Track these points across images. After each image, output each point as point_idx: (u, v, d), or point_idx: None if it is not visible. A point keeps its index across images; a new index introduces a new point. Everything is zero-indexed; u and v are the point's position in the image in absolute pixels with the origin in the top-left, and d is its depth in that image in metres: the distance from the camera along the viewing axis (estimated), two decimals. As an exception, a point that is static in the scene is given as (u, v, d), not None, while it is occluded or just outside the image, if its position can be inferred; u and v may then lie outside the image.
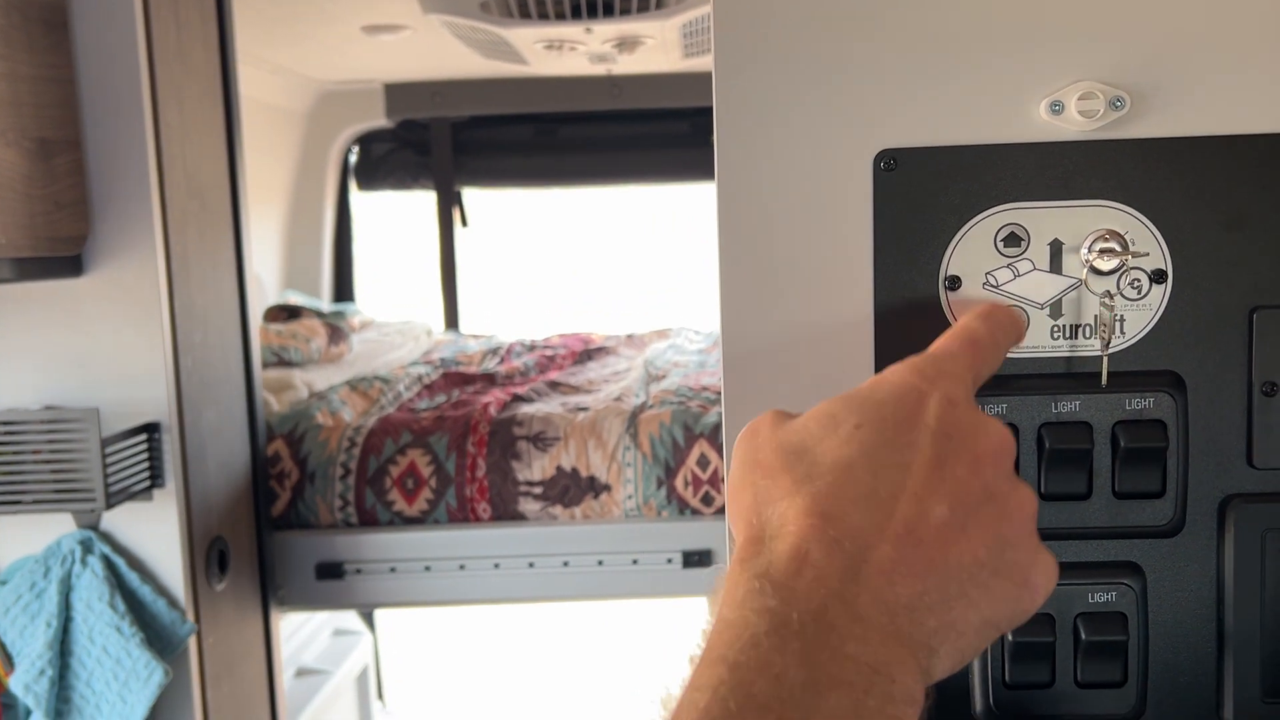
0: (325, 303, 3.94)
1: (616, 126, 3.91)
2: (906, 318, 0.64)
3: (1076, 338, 0.64)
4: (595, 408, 2.22)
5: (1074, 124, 0.62)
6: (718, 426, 2.09)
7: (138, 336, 1.64)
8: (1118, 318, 0.63)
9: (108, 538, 1.67)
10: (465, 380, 2.69)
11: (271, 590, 2.01)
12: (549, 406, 2.28)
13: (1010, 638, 0.63)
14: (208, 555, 1.74)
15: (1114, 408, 0.62)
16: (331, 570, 2.06)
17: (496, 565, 2.05)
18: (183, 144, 1.69)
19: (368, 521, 2.09)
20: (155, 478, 1.65)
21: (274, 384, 2.32)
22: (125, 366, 1.64)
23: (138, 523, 1.67)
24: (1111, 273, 0.63)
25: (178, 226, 1.66)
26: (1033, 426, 0.63)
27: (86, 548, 1.64)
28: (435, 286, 4.09)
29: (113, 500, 1.55)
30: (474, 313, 4.20)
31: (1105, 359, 0.63)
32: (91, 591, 1.61)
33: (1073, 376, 0.64)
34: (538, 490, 2.08)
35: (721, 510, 2.08)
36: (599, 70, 3.32)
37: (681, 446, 2.08)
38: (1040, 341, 0.64)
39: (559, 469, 2.08)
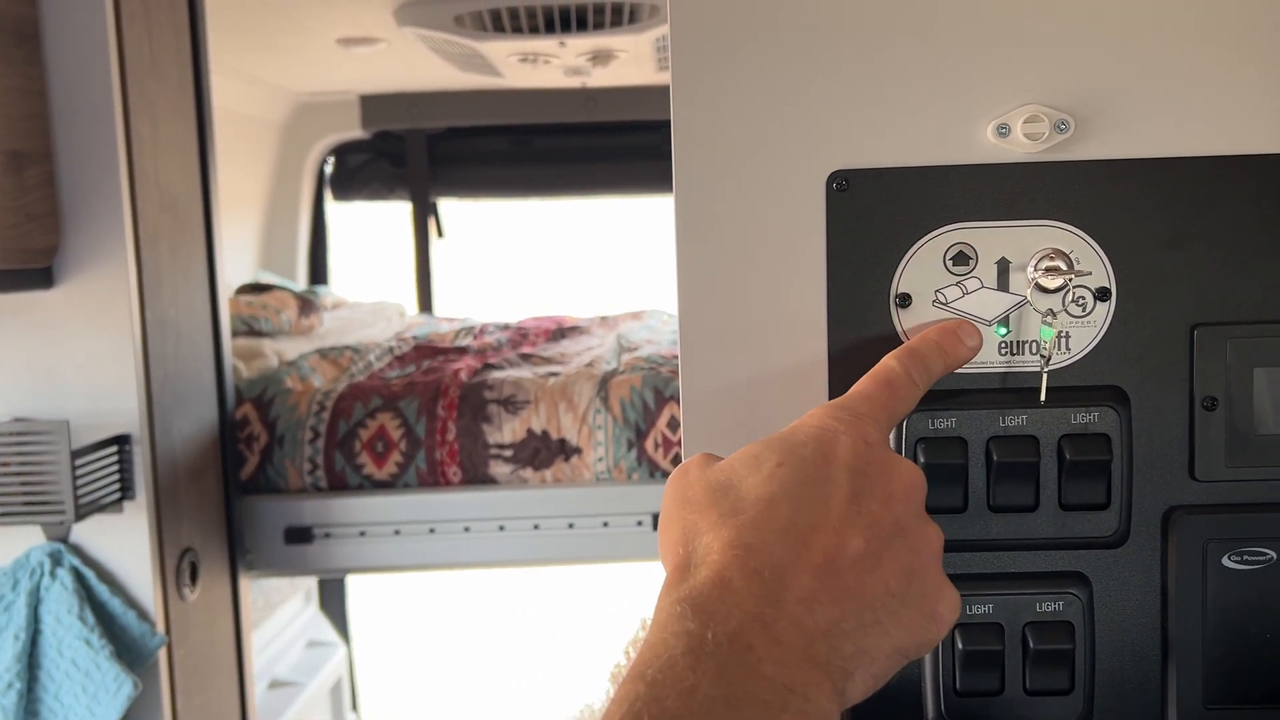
0: (299, 285, 3.92)
1: (591, 138, 3.94)
2: (860, 346, 0.66)
3: (1022, 353, 0.66)
4: (566, 374, 2.22)
5: (1020, 146, 0.64)
6: None
7: (108, 349, 1.64)
8: (1062, 334, 0.65)
9: (77, 550, 1.66)
10: (437, 352, 2.68)
11: (240, 555, 1.99)
12: (520, 373, 2.27)
13: (960, 646, 0.64)
14: (178, 567, 1.74)
15: (1059, 422, 0.64)
16: (300, 535, 2.04)
17: (466, 529, 2.04)
18: (155, 156, 1.69)
19: (337, 485, 2.07)
20: (125, 489, 1.65)
21: (243, 352, 2.28)
22: (95, 379, 1.64)
23: (107, 535, 1.67)
24: (1057, 290, 0.64)
25: (149, 239, 1.67)
26: (981, 440, 0.64)
27: (55, 560, 1.63)
28: (410, 291, 4.09)
29: (82, 512, 1.54)
30: (449, 304, 4.19)
31: (1045, 375, 0.65)
32: (60, 604, 1.60)
33: (1019, 391, 0.66)
34: (508, 453, 2.07)
35: None
36: (574, 83, 3.34)
37: (652, 409, 2.08)
38: (988, 357, 0.65)
39: (529, 432, 2.07)
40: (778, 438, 0.54)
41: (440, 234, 4.13)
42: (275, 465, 2.08)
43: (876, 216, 0.65)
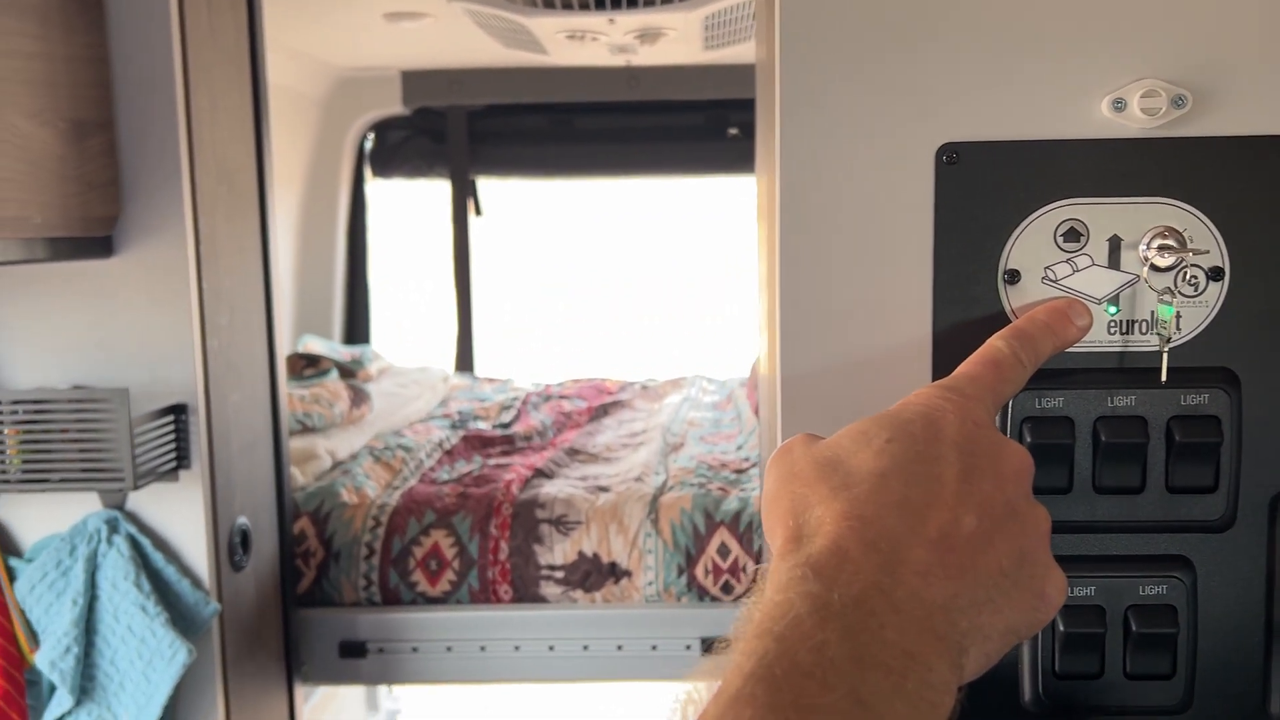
0: (339, 340, 3.98)
1: (632, 118, 3.92)
2: (965, 325, 0.65)
3: (1132, 333, 0.65)
4: (615, 488, 2.25)
5: (1136, 121, 0.63)
6: (738, 513, 2.12)
7: (166, 318, 1.64)
8: (1176, 314, 0.64)
9: (133, 518, 1.68)
10: (485, 442, 2.73)
11: (295, 667, 2.04)
12: (570, 484, 2.30)
13: (1061, 628, 0.63)
14: (230, 537, 1.75)
15: (1169, 403, 0.63)
16: (355, 649, 2.09)
17: (517, 648, 2.08)
18: (213, 127, 1.69)
19: (391, 600, 2.13)
20: (181, 459, 1.66)
21: (298, 455, 2.35)
22: (153, 348, 1.65)
23: (163, 504, 1.68)
24: (1169, 269, 0.63)
25: (206, 209, 1.67)
26: (1088, 420, 0.63)
27: (112, 527, 1.65)
28: (448, 276, 4.09)
29: (140, 481, 1.56)
30: (487, 310, 4.20)
31: (1165, 355, 0.63)
32: (117, 571, 1.62)
33: (1128, 371, 0.64)
34: (559, 574, 2.11)
35: (741, 598, 2.10)
36: (618, 61, 3.32)
37: (702, 534, 2.11)
38: (1097, 336, 0.64)
39: (580, 554, 2.11)
40: (884, 415, 0.54)
41: (479, 212, 4.13)
42: (331, 580, 2.13)
43: (986, 191, 0.64)
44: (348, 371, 3.31)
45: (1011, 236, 0.64)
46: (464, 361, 4.10)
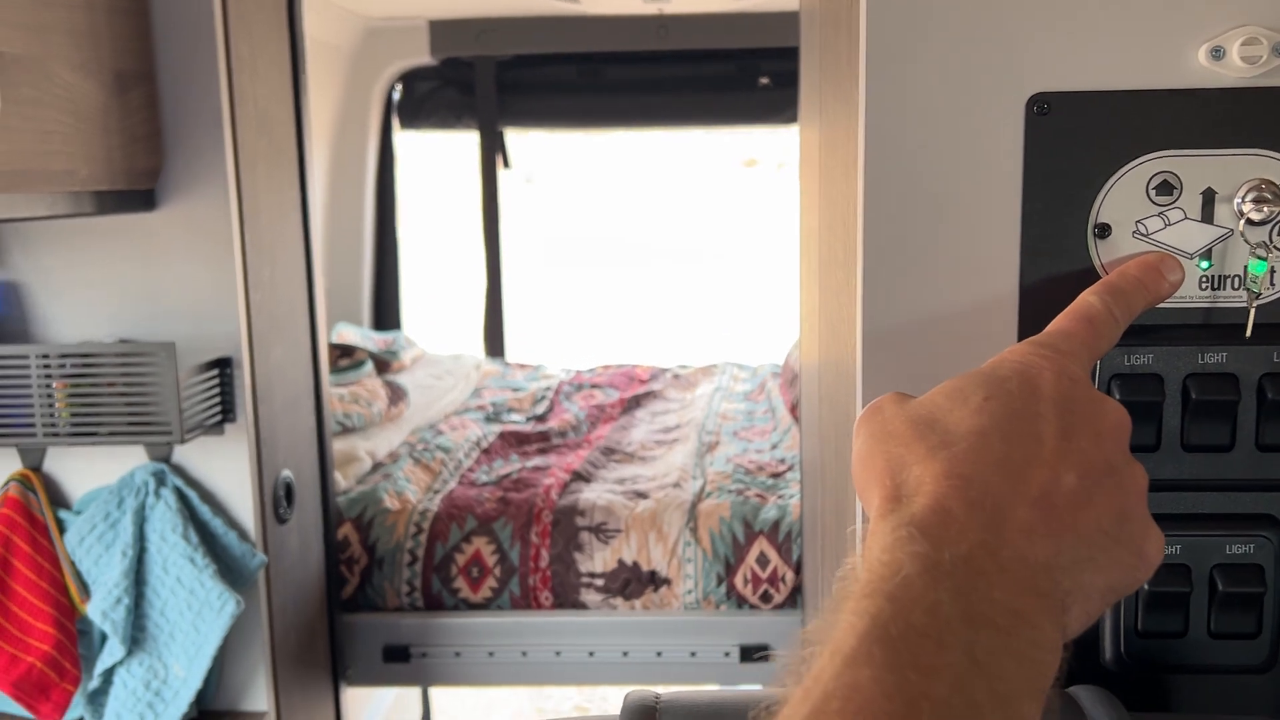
0: (369, 324, 3.98)
1: (662, 68, 3.87)
2: (1053, 280, 0.63)
3: (1223, 288, 0.63)
4: (654, 494, 2.25)
5: (1234, 70, 0.61)
6: (776, 522, 2.12)
7: (209, 271, 1.64)
8: (1272, 269, 0.62)
9: (179, 470, 1.69)
10: (521, 439, 2.75)
11: (341, 670, 2.08)
12: (608, 489, 2.31)
13: (1146, 587, 0.63)
14: (275, 490, 1.76)
15: (1261, 360, 0.62)
16: (398, 653, 2.13)
17: (558, 653, 2.11)
18: (253, 78, 1.68)
19: (433, 606, 2.16)
20: (226, 412, 1.67)
21: (339, 458, 2.37)
22: (197, 301, 1.65)
23: (208, 457, 1.69)
24: (1264, 223, 0.62)
25: (248, 162, 1.66)
26: (1178, 377, 0.62)
27: (159, 480, 1.66)
28: (477, 231, 4.07)
29: (188, 434, 1.56)
30: (516, 275, 4.18)
31: (1252, 311, 0.62)
32: (165, 523, 1.63)
33: (1218, 328, 0.63)
34: (599, 582, 2.14)
35: (780, 606, 2.13)
36: (649, 9, 3.28)
37: (741, 544, 2.12)
38: (1189, 292, 0.63)
39: (620, 562, 2.13)
40: (979, 373, 0.53)
41: (507, 165, 4.10)
42: (375, 586, 2.16)
43: (1078, 142, 0.62)
44: (382, 363, 3.35)
45: (1102, 189, 0.63)
46: (494, 333, 4.09)
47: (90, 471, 1.71)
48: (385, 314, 4.09)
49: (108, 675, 1.66)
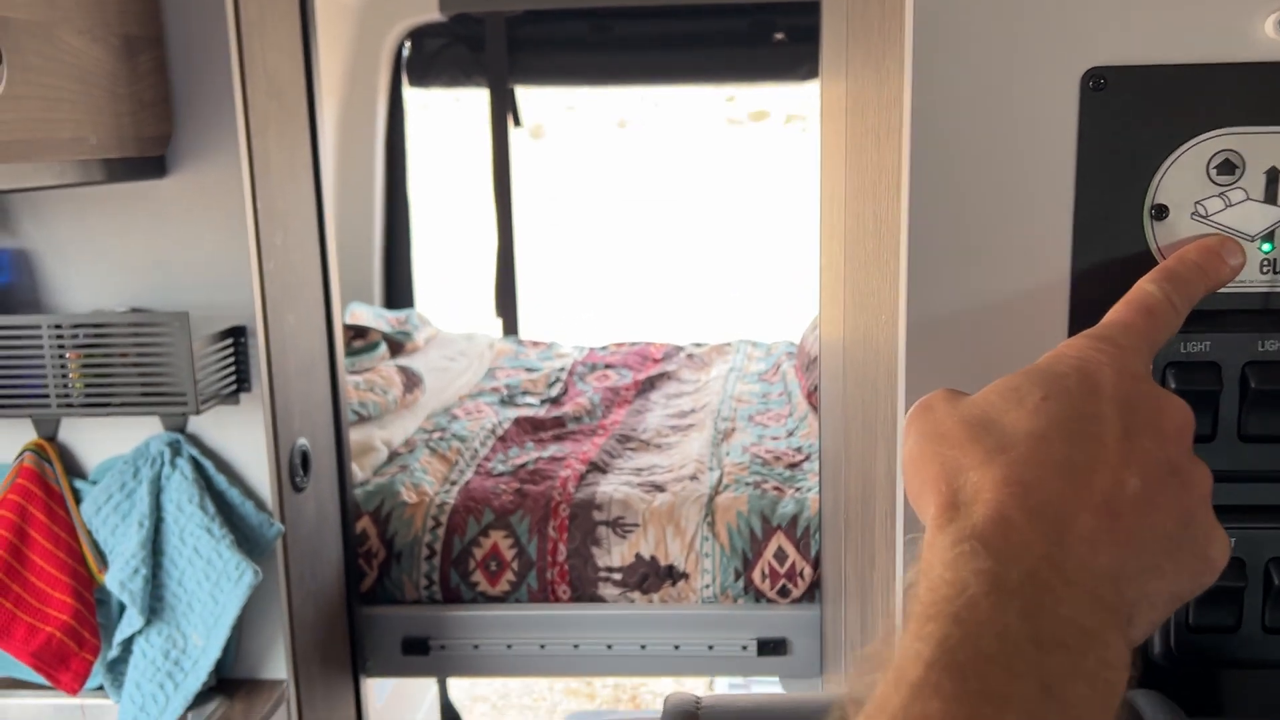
0: (380, 299, 3.95)
1: (674, 23, 3.80)
2: (1107, 265, 0.61)
3: (1284, 272, 0.61)
4: (670, 486, 2.24)
5: (1303, 42, 0.58)
6: (795, 517, 2.11)
7: (221, 239, 1.62)
8: (1337, 253, 0.60)
9: (194, 440, 1.68)
10: (536, 425, 2.74)
11: (360, 663, 2.10)
12: (624, 481, 2.30)
13: None
14: (291, 459, 1.75)
15: None
16: (417, 646, 2.13)
17: (576, 646, 2.12)
18: (262, 40, 1.64)
19: (452, 599, 2.17)
20: (241, 382, 1.65)
21: (355, 449, 2.36)
22: (209, 269, 1.63)
23: (223, 426, 1.68)
24: None
25: (258, 127, 1.63)
26: (1236, 365, 0.60)
27: (175, 450, 1.65)
28: (487, 193, 4.03)
29: (204, 405, 1.55)
30: (527, 240, 4.14)
31: None
32: (181, 493, 1.62)
33: (1279, 314, 0.61)
34: (617, 576, 2.14)
35: (798, 601, 2.12)
36: (662, -36, 3.21)
37: (759, 539, 2.11)
38: (1249, 276, 0.61)
39: (638, 556, 2.13)
40: (1035, 370, 0.50)
41: (518, 123, 4.05)
42: (393, 579, 2.17)
43: (1135, 119, 0.59)
44: (396, 344, 3.34)
45: (1160, 169, 0.60)
46: (505, 296, 4.04)
47: (105, 441, 1.70)
48: (397, 286, 4.05)
49: (127, 644, 1.66)
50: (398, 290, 4.05)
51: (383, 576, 2.16)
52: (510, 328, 4.07)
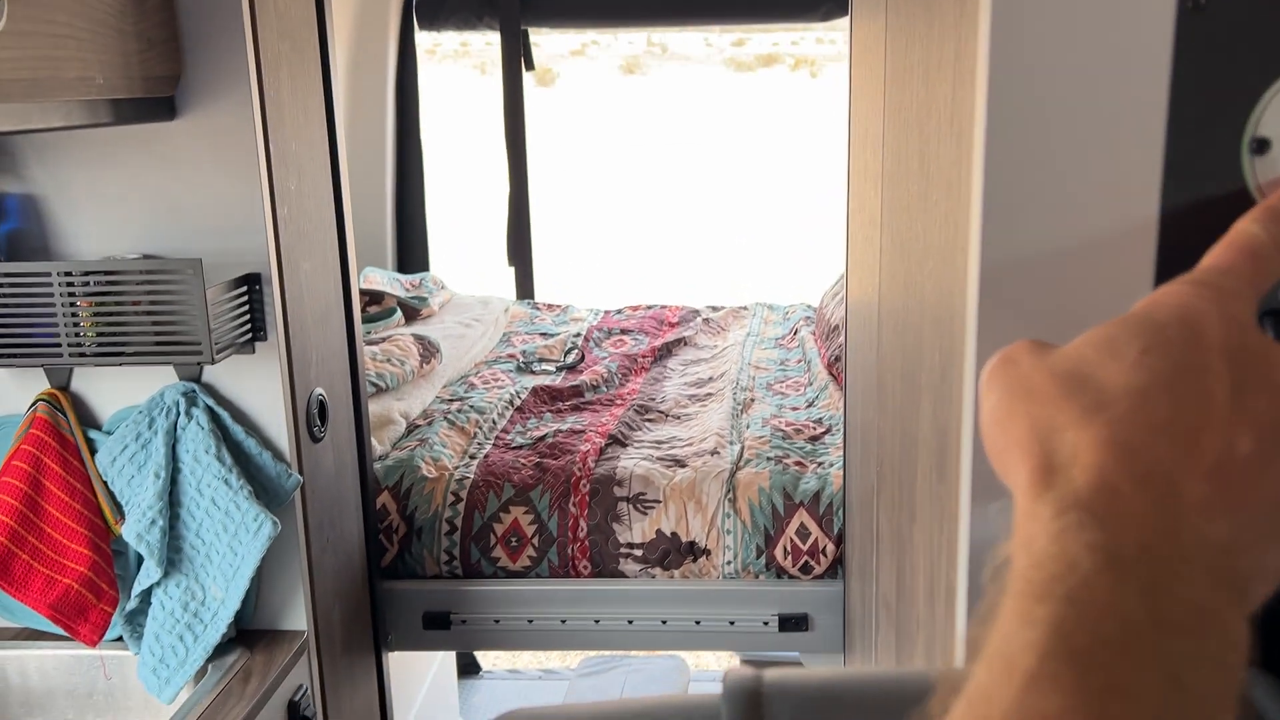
0: (392, 256, 3.90)
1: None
2: (1200, 205, 0.56)
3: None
4: (690, 461, 2.21)
5: None
6: (817, 493, 2.08)
7: (233, 183, 1.58)
8: None
9: (210, 389, 1.64)
10: (554, 395, 2.70)
11: (382, 637, 2.09)
12: (644, 455, 2.26)
13: None
14: (308, 408, 1.72)
15: None
16: (438, 620, 2.12)
17: (597, 621, 2.10)
18: (273, -22, 1.59)
19: (472, 574, 2.15)
20: (257, 331, 1.61)
21: (374, 422, 2.34)
22: (221, 214, 1.59)
23: (238, 375, 1.65)
24: None
25: (270, 67, 1.58)
26: None
27: (190, 400, 1.62)
28: (497, 142, 3.96)
29: (219, 355, 1.51)
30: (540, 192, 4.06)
31: None
32: (197, 444, 1.59)
33: None
34: (638, 553, 2.11)
35: (820, 578, 2.10)
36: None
37: (781, 515, 2.08)
38: (1355, 216, 0.56)
39: (659, 532, 2.10)
40: (1133, 318, 0.45)
41: (530, 66, 3.97)
42: (414, 554, 2.15)
43: (1236, 43, 0.54)
44: (411, 310, 3.31)
45: (1263, 98, 0.55)
46: (519, 244, 3.99)
47: (119, 390, 1.67)
48: (410, 247, 3.98)
49: (145, 596, 1.64)
50: (410, 250, 3.99)
51: (403, 551, 2.15)
52: (525, 290, 4.03)
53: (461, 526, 2.13)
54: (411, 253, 3.99)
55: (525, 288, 4.03)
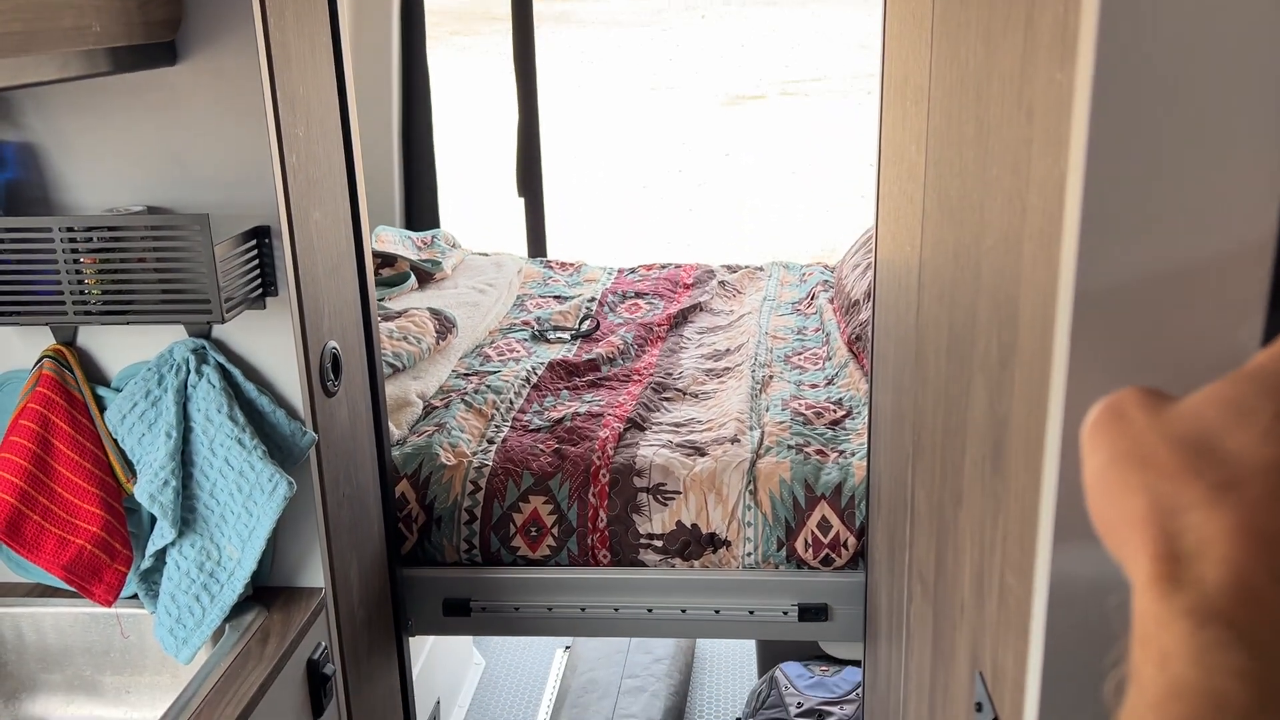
0: (400, 219, 3.82)
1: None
2: None
3: None
4: (710, 450, 2.16)
5: None
6: (839, 486, 2.04)
7: (239, 131, 1.51)
8: None
9: (220, 345, 1.60)
10: (570, 371, 2.66)
11: (403, 623, 2.09)
12: (663, 441, 2.22)
13: None
14: (321, 363, 1.67)
15: None
16: (458, 607, 2.11)
17: (616, 609, 2.09)
18: (275, -89, 1.50)
19: (491, 562, 2.13)
20: (267, 285, 1.56)
21: (390, 404, 2.31)
22: (227, 164, 1.52)
23: (249, 331, 1.60)
24: None
25: (275, 9, 1.50)
26: None
27: (200, 357, 1.57)
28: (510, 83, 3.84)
29: (229, 313, 1.46)
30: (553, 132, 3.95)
31: None
32: (209, 402, 1.55)
33: None
34: (658, 544, 2.08)
35: (841, 570, 2.06)
36: None
37: (803, 507, 2.05)
38: None
39: (679, 524, 2.07)
40: (1259, 374, 0.39)
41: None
42: (433, 542, 2.12)
43: None
44: (424, 274, 3.26)
45: None
46: (528, 175, 3.90)
47: (127, 346, 1.62)
48: (419, 200, 3.89)
49: (160, 554, 1.61)
50: (420, 204, 3.91)
51: (423, 540, 2.13)
52: (538, 247, 3.97)
53: (481, 516, 2.11)
54: (421, 206, 3.92)
55: (537, 241, 3.97)
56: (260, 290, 1.56)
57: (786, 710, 2.68)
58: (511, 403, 2.47)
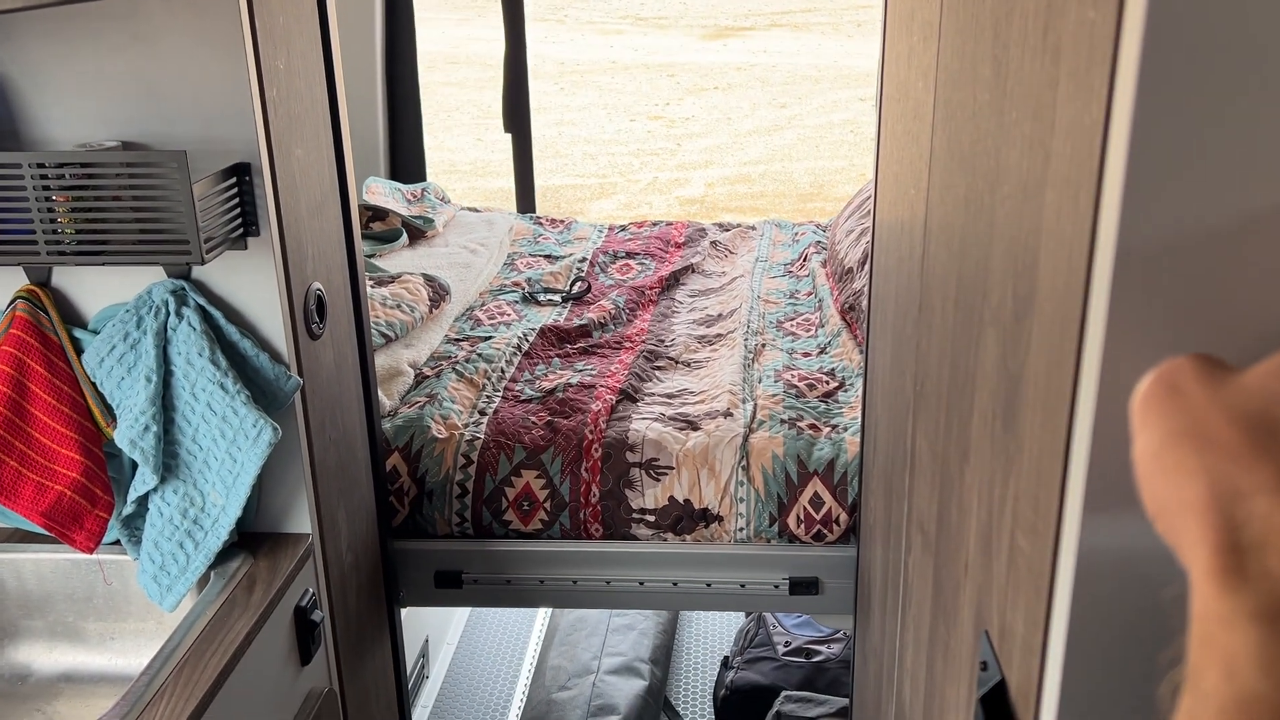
0: (384, 169, 3.73)
1: None
2: None
3: None
4: (703, 424, 2.14)
5: None
6: (831, 462, 2.02)
7: (217, 62, 1.45)
8: None
9: (201, 287, 1.55)
10: (561, 338, 2.63)
11: (394, 596, 2.07)
12: (656, 414, 2.19)
13: None
14: (306, 305, 1.63)
15: None
16: (450, 579, 2.10)
17: (608, 582, 2.09)
18: None
19: (483, 535, 2.11)
20: (248, 225, 1.51)
21: (381, 374, 2.28)
22: (205, 98, 1.46)
23: (230, 272, 1.55)
24: None
25: (252, -68, 1.43)
26: None
27: (180, 299, 1.52)
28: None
29: (209, 254, 1.41)
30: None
31: None
32: (190, 346, 1.51)
33: None
34: (650, 519, 2.07)
35: (833, 545, 2.03)
36: None
37: (795, 484, 2.03)
38: None
39: (671, 499, 2.06)
40: None
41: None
42: (425, 515, 2.10)
43: None
44: (416, 231, 3.21)
45: None
46: (517, 110, 3.81)
47: (103, 287, 1.57)
48: (404, 149, 3.80)
49: (143, 500, 1.58)
50: (405, 154, 3.83)
51: (414, 513, 2.11)
52: (527, 202, 3.91)
53: (473, 489, 2.09)
54: (406, 156, 3.84)
55: (526, 196, 3.91)
56: (241, 230, 1.51)
57: (774, 649, 2.69)
58: (503, 371, 2.44)
